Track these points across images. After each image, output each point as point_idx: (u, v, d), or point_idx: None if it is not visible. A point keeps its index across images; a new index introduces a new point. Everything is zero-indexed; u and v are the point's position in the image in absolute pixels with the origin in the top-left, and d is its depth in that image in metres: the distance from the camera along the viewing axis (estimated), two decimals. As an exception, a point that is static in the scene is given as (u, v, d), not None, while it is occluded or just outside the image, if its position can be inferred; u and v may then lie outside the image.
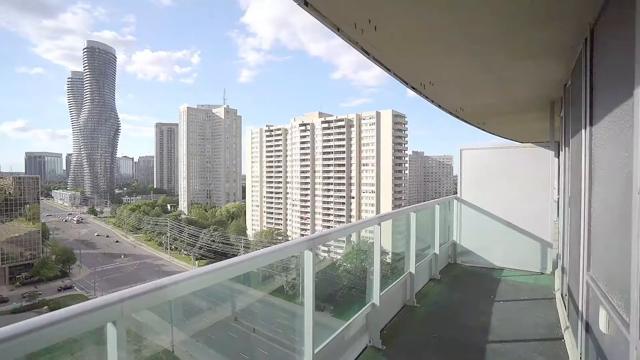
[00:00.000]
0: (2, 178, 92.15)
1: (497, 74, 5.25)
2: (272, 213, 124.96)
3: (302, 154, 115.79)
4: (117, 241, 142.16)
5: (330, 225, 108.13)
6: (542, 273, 7.82)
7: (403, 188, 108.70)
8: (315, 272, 3.43)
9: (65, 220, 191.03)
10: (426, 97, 6.38)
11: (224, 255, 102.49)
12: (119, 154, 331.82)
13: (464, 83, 5.93)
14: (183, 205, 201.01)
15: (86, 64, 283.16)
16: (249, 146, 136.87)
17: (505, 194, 8.23)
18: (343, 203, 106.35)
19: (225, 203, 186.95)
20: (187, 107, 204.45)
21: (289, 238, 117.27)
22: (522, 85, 5.99)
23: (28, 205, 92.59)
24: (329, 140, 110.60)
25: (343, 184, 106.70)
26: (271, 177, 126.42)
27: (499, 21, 3.41)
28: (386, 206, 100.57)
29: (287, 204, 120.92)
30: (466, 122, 9.43)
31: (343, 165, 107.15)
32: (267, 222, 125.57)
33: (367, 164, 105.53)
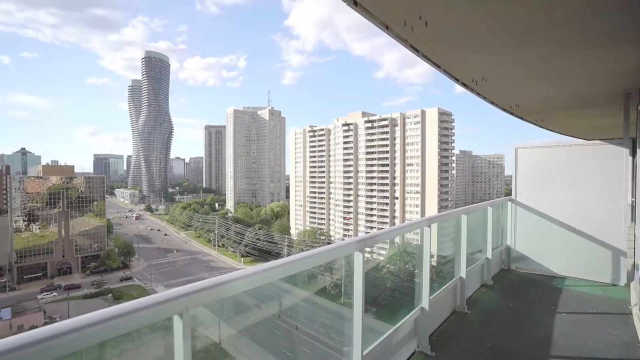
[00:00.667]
0: (75, 178, 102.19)
1: (560, 66, 4.81)
2: (315, 213, 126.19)
3: (345, 154, 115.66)
4: (166, 234, 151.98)
5: (373, 226, 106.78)
6: (614, 285, 7.02)
7: (450, 189, 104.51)
8: (365, 274, 3.38)
9: (126, 217, 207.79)
10: (478, 94, 6.03)
11: (268, 254, 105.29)
12: (172, 156, 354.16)
13: (521, 77, 5.50)
14: (230, 204, 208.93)
15: (144, 73, 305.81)
16: (293, 147, 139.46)
17: (567, 196, 7.52)
18: (386, 204, 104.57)
19: (270, 202, 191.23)
20: (234, 110, 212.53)
21: (332, 238, 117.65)
22: (589, 77, 5.42)
23: (96, 202, 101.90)
24: (372, 140, 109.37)
25: (386, 185, 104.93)
26: (314, 177, 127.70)
27: (569, 6, 3.11)
28: (431, 207, 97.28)
29: (329, 204, 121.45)
30: (522, 119, 8.78)
31: (387, 165, 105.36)
32: (310, 222, 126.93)
33: (411, 164, 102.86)
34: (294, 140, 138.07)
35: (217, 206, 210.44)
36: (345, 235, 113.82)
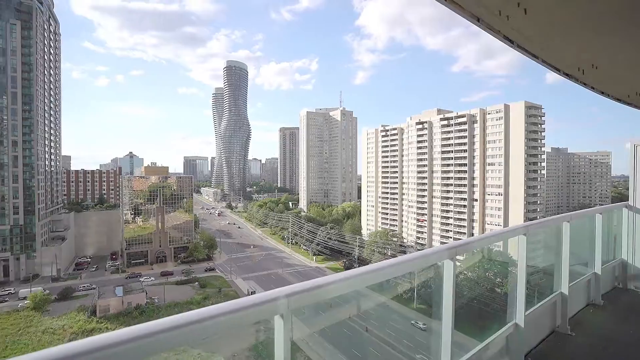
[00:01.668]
0: (169, 177, 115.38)
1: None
2: (387, 214, 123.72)
3: (419, 154, 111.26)
4: (239, 227, 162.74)
5: (449, 229, 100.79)
6: None
7: (539, 190, 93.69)
8: (455, 283, 3.16)
9: (210, 213, 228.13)
10: (584, 84, 5.22)
11: (339, 253, 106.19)
12: (249, 157, 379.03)
13: (642, 60, 4.63)
14: (303, 203, 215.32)
15: (225, 81, 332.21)
16: (365, 147, 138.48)
17: None
18: (464, 206, 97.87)
19: (341, 202, 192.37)
20: (307, 112, 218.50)
21: (404, 240, 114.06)
22: None
23: (185, 200, 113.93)
24: (448, 139, 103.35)
25: (464, 186, 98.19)
26: (387, 177, 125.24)
27: None
28: (516, 210, 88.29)
29: (402, 205, 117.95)
30: (640, 109, 7.40)
31: (464, 165, 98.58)
32: (382, 223, 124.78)
33: (492, 164, 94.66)
34: (366, 140, 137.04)
35: (290, 205, 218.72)
36: (418, 238, 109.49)
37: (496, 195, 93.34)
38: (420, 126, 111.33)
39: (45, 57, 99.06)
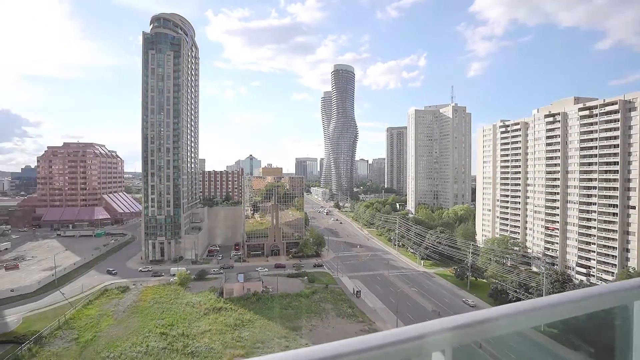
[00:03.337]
0: (282, 178, 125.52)
1: None
2: (506, 219, 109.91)
3: (548, 151, 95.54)
4: (346, 226, 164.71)
5: (591, 241, 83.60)
6: None
7: None
8: None
9: (319, 212, 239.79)
10: None
11: (450, 259, 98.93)
12: (357, 157, 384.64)
13: None
14: (411, 205, 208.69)
15: (333, 85, 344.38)
16: (480, 145, 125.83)
17: None
18: (614, 214, 79.83)
19: (453, 205, 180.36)
20: (415, 110, 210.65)
21: (528, 250, 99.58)
22: None
23: (296, 198, 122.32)
24: (590, 132, 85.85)
25: (614, 189, 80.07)
26: (507, 178, 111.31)
27: None
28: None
29: (526, 209, 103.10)
30: None
31: (615, 164, 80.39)
32: (501, 229, 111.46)
33: (658, 162, 74.95)
34: (482, 138, 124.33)
35: (398, 206, 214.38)
36: (547, 249, 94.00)
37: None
38: (550, 119, 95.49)
39: (189, 78, 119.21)
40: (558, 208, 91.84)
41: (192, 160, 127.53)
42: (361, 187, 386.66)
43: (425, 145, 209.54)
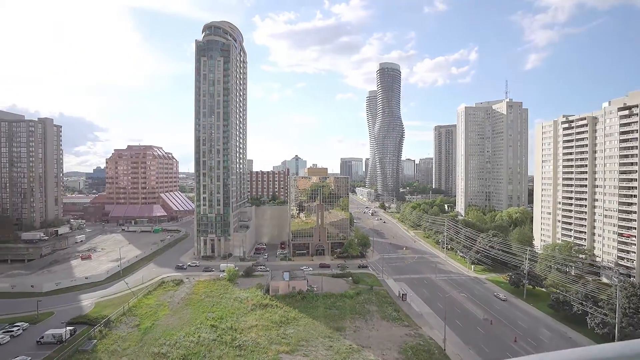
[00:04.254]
0: (327, 178, 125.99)
1: None
2: (570, 223, 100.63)
3: (623, 148, 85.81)
4: (392, 227, 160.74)
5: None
6: None
7: None
8: None
9: (364, 212, 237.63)
10: None
11: (504, 265, 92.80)
12: (403, 157, 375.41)
13: None
14: (460, 207, 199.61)
15: (378, 83, 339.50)
16: (539, 142, 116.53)
17: None
18: None
19: (507, 207, 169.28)
20: (465, 107, 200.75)
21: (597, 258, 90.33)
22: None
23: (341, 198, 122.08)
24: (674, 127, 75.80)
25: None
26: (570, 178, 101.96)
27: None
28: None
29: (594, 213, 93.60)
30: None
31: None
32: (563, 234, 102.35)
33: None
34: (541, 135, 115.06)
35: (446, 208, 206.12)
36: (621, 258, 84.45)
37: None
38: (625, 112, 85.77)
39: (237, 82, 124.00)
40: (635, 212, 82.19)
41: (241, 161, 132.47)
42: (407, 188, 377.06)
43: (476, 144, 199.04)
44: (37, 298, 69.45)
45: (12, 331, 56.55)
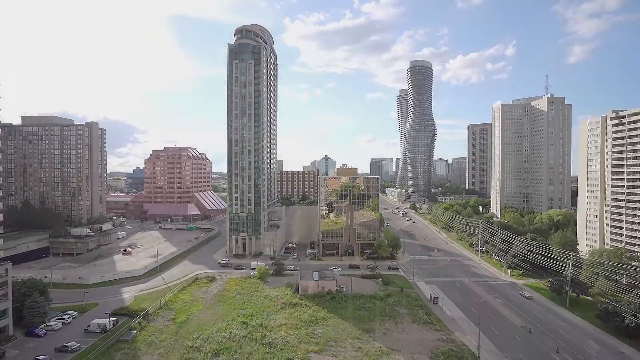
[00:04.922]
0: (357, 178, 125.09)
1: None
2: (621, 227, 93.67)
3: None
4: (423, 229, 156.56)
5: None
6: None
7: None
8: None
9: (394, 213, 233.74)
10: None
11: (544, 270, 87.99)
12: (435, 157, 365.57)
13: None
14: (495, 208, 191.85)
15: (409, 82, 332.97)
16: (584, 141, 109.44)
17: None
18: None
19: (547, 209, 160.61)
20: (501, 104, 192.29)
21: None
22: None
23: (371, 199, 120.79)
24: None
25: None
26: (621, 179, 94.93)
27: None
28: None
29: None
30: None
31: None
32: (612, 239, 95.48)
33: None
34: (586, 133, 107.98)
35: (481, 209, 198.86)
36: (678, 265, 77.42)
37: None
38: (683, 107, 78.72)
39: (268, 83, 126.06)
40: (693, 216, 75.25)
41: (271, 161, 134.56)
42: (439, 188, 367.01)
43: (513, 143, 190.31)
44: (84, 289, 75.33)
45: (64, 319, 61.50)
